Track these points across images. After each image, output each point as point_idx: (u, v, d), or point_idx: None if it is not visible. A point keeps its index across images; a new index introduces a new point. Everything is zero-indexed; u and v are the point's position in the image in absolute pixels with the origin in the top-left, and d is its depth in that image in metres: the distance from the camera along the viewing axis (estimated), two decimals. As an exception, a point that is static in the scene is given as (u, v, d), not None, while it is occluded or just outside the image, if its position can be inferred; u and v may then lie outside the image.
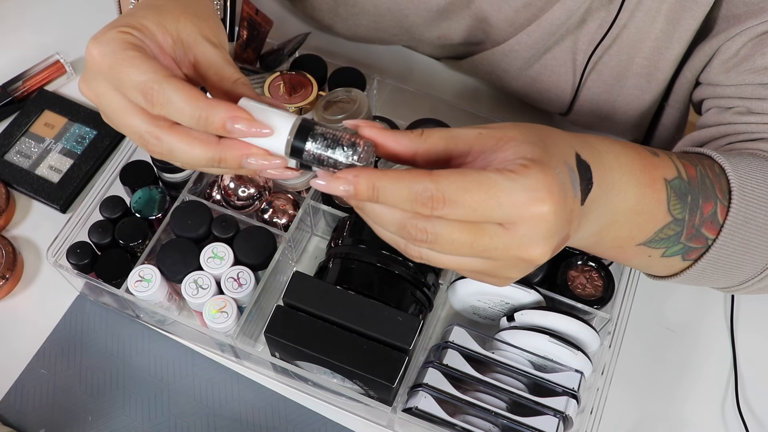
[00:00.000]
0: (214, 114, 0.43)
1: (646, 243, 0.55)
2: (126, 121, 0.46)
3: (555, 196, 0.41)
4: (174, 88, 0.43)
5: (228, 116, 0.43)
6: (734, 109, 0.63)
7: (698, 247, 0.56)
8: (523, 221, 0.41)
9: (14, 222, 0.78)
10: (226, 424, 0.68)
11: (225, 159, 0.45)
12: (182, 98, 0.43)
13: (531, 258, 0.43)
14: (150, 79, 0.44)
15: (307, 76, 0.74)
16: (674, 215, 0.54)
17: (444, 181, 0.41)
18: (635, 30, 0.68)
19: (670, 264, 0.58)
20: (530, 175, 0.41)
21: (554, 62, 0.76)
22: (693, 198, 0.54)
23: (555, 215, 0.41)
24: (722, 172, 0.56)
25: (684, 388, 0.72)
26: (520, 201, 0.41)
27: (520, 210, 0.41)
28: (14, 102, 0.83)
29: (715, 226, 0.55)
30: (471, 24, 0.77)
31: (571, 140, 0.47)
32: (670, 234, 0.54)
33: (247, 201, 0.71)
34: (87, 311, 0.73)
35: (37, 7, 0.92)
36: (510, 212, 0.41)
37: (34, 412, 0.68)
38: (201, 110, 0.43)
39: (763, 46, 0.60)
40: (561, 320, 0.62)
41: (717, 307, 0.76)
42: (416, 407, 0.59)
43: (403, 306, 0.62)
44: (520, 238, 0.42)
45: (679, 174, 0.54)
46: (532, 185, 0.41)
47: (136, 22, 0.47)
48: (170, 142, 0.45)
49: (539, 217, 0.41)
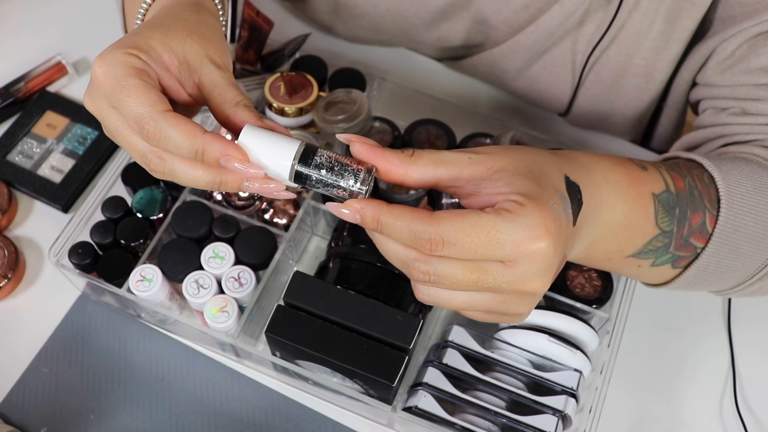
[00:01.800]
0: (210, 149, 0.44)
1: (635, 255, 0.56)
2: (128, 140, 0.47)
3: (551, 232, 0.43)
4: (170, 124, 0.44)
5: (222, 154, 0.44)
6: (729, 110, 0.63)
7: (687, 256, 0.57)
8: (524, 259, 0.43)
9: (16, 222, 0.78)
10: (226, 422, 0.68)
11: (225, 182, 0.46)
12: (179, 133, 0.44)
13: (534, 291, 0.44)
14: (146, 113, 0.44)
15: (307, 77, 0.74)
16: (662, 228, 0.54)
17: (444, 224, 0.42)
18: (633, 31, 0.69)
19: (660, 272, 0.58)
20: (527, 215, 0.42)
21: (553, 63, 0.76)
22: (681, 210, 0.55)
23: (553, 249, 0.43)
24: (711, 181, 0.56)
25: (682, 387, 0.72)
26: (520, 240, 0.42)
27: (521, 249, 0.42)
28: (16, 103, 0.83)
29: (704, 236, 0.56)
30: (470, 26, 0.77)
31: (559, 163, 0.48)
32: (658, 246, 0.55)
33: (248, 201, 0.71)
34: (89, 311, 0.73)
35: (39, 8, 0.92)
36: (510, 251, 0.42)
37: (36, 411, 0.68)
38: (198, 145, 0.44)
39: (758, 47, 0.61)
40: (560, 320, 0.62)
41: (715, 307, 0.76)
42: (416, 406, 0.59)
43: (403, 305, 0.62)
44: (522, 274, 0.43)
45: (667, 187, 0.54)
46: (530, 224, 0.42)
47: (143, 43, 0.47)
48: (173, 162, 0.46)
49: (538, 254, 0.43)
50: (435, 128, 0.76)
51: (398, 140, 0.75)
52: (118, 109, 0.46)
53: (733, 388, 0.71)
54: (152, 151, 0.46)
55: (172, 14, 0.51)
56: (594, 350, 0.64)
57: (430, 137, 0.75)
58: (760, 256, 0.58)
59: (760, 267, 0.58)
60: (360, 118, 0.71)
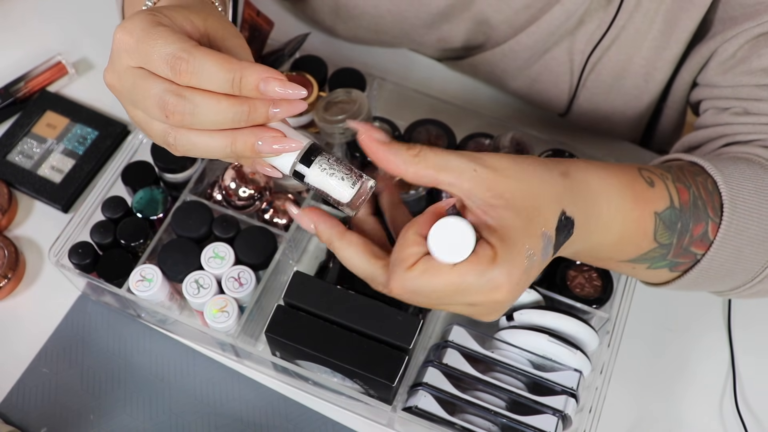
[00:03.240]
0: (248, 74, 0.43)
1: (628, 261, 0.56)
2: (145, 86, 0.44)
3: (513, 284, 0.45)
4: (205, 53, 0.43)
5: (262, 76, 0.43)
6: (731, 109, 0.63)
7: (686, 262, 0.57)
8: (482, 304, 0.47)
9: (16, 222, 0.78)
10: (226, 423, 0.68)
11: (255, 106, 0.44)
12: (214, 63, 0.43)
13: (489, 318, 0.49)
14: (179, 48, 0.43)
15: (307, 77, 0.74)
16: (660, 242, 0.55)
17: (407, 284, 0.47)
18: (634, 31, 0.69)
19: (657, 274, 0.58)
20: (495, 270, 0.45)
21: (553, 63, 0.76)
22: (683, 224, 0.55)
23: (510, 295, 0.46)
24: (715, 188, 0.56)
25: (682, 387, 0.72)
26: (483, 291, 0.45)
27: (482, 298, 0.46)
28: (16, 103, 0.83)
29: (705, 244, 0.56)
30: (471, 27, 0.77)
31: (561, 196, 0.48)
32: (654, 256, 0.56)
33: (248, 201, 0.71)
34: (89, 311, 0.73)
35: (39, 8, 0.92)
36: (473, 299, 0.46)
37: (36, 411, 0.68)
38: (235, 72, 0.43)
39: (759, 47, 0.61)
40: (560, 320, 0.62)
41: (715, 307, 0.76)
42: (416, 406, 0.59)
43: (403, 305, 0.62)
44: (478, 310, 0.48)
45: (671, 203, 0.54)
46: (495, 280, 0.45)
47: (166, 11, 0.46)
48: (193, 96, 0.44)
49: (495, 302, 0.46)
50: (435, 128, 0.76)
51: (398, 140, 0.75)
52: (145, 58, 0.44)
53: (733, 388, 0.71)
54: (170, 90, 0.43)
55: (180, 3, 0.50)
56: (594, 350, 0.64)
57: (430, 137, 0.75)
58: (761, 258, 0.58)
59: (761, 269, 0.58)
60: (360, 118, 0.71)
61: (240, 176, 0.71)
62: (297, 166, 0.45)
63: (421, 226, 0.46)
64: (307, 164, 0.45)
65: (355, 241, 0.49)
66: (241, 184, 0.70)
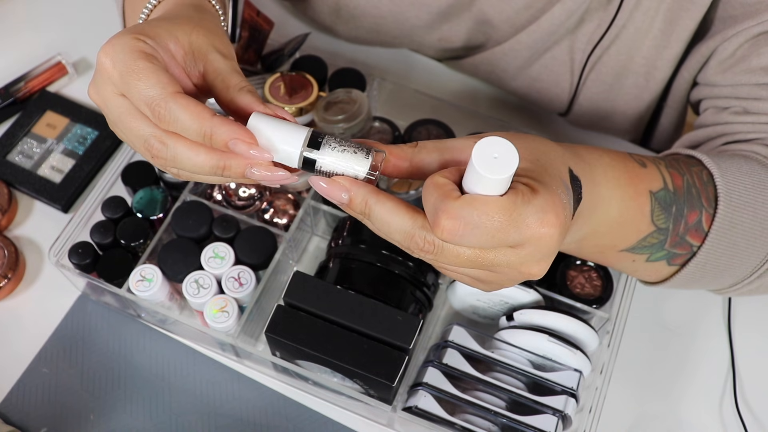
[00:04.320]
0: (218, 132, 0.44)
1: (628, 250, 0.56)
2: (131, 125, 0.46)
3: (561, 218, 0.42)
4: (180, 106, 0.44)
5: (231, 137, 0.44)
6: (731, 108, 0.64)
7: (683, 254, 0.57)
8: (531, 242, 0.42)
9: (16, 222, 0.78)
10: (227, 422, 0.68)
11: (229, 167, 0.45)
12: (188, 116, 0.44)
13: (532, 274, 0.44)
14: (157, 95, 0.44)
15: (307, 77, 0.74)
16: (657, 225, 0.55)
17: (461, 212, 0.41)
18: (634, 30, 0.69)
19: (656, 269, 0.58)
20: (540, 198, 0.41)
21: (553, 62, 0.76)
22: (678, 208, 0.55)
23: (558, 235, 0.42)
24: (710, 179, 0.57)
25: (682, 387, 0.72)
26: (531, 223, 0.41)
27: (531, 231, 0.41)
28: (16, 103, 0.83)
29: (699, 234, 0.56)
30: (471, 26, 0.77)
31: (564, 155, 0.48)
32: (653, 242, 0.56)
33: (248, 201, 0.71)
34: (89, 311, 0.73)
35: (39, 8, 0.92)
36: (522, 234, 0.41)
37: (36, 410, 0.68)
38: (206, 128, 0.44)
39: (759, 46, 0.61)
40: (560, 320, 0.62)
41: (715, 307, 0.76)
42: (416, 406, 0.59)
43: (403, 305, 0.62)
44: (524, 256, 0.42)
45: (665, 185, 0.55)
46: (543, 207, 0.41)
47: (150, 31, 0.47)
48: (175, 147, 0.45)
49: (545, 239, 0.42)
50: (435, 128, 0.76)
51: (398, 140, 0.75)
52: (127, 94, 0.45)
53: (733, 388, 0.71)
54: (155, 136, 0.45)
55: (175, 11, 0.51)
56: (594, 350, 0.64)
57: (430, 137, 0.75)
58: (758, 253, 0.58)
59: (758, 265, 0.58)
60: (360, 118, 0.71)
61: (240, 176, 0.71)
62: (307, 153, 0.45)
63: (445, 173, 0.44)
64: (317, 147, 0.44)
65: (391, 198, 0.45)
66: (241, 185, 0.70)
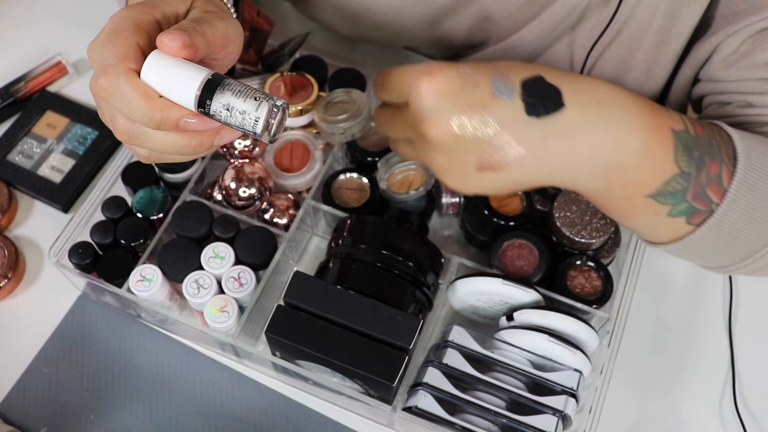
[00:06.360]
0: (167, 114, 0.46)
1: (654, 195, 0.55)
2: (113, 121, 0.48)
3: (437, 76, 0.49)
4: (129, 82, 0.45)
5: (178, 116, 0.46)
6: (734, 103, 0.64)
7: (703, 210, 0.56)
8: (413, 96, 0.50)
9: (16, 222, 0.78)
10: (227, 422, 0.68)
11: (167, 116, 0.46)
12: (134, 93, 0.46)
13: (428, 134, 0.51)
14: (111, 64, 0.46)
15: (307, 77, 0.74)
16: (681, 167, 0.54)
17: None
18: (635, 26, 0.69)
19: (674, 226, 0.58)
20: (422, 64, 0.50)
21: (554, 58, 0.76)
22: (700, 154, 0.55)
23: (437, 92, 0.49)
24: (729, 139, 0.57)
25: (682, 387, 0.72)
26: (408, 77, 0.51)
27: (409, 84, 0.50)
28: (16, 103, 0.83)
29: (720, 189, 0.56)
30: (473, 23, 0.77)
31: (543, 69, 0.52)
32: (677, 188, 0.55)
33: (248, 201, 0.71)
34: (89, 311, 0.73)
35: (39, 8, 0.92)
36: (404, 90, 0.51)
37: (36, 411, 0.68)
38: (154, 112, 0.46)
39: (763, 42, 0.61)
40: (560, 319, 0.62)
41: (715, 307, 0.76)
42: (416, 406, 0.59)
43: (403, 306, 0.62)
44: (414, 112, 0.51)
45: (686, 128, 0.55)
46: (419, 68, 0.50)
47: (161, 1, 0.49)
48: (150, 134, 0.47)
49: (422, 91, 0.50)
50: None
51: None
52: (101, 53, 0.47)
53: (733, 388, 0.71)
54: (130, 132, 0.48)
55: None
56: (594, 350, 0.64)
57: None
58: None
59: None
60: (360, 118, 0.71)
61: (240, 176, 0.71)
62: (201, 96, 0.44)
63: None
64: (210, 93, 0.44)
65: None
66: (241, 184, 0.70)
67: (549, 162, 0.52)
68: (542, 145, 0.51)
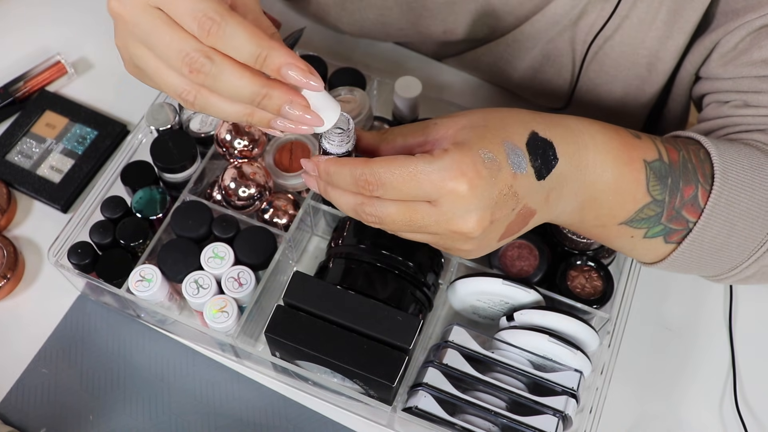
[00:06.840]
0: (274, 56, 0.43)
1: (627, 222, 0.56)
2: (171, 37, 0.43)
3: (467, 173, 0.47)
4: (238, 22, 0.42)
5: (286, 62, 0.43)
6: (731, 102, 0.64)
7: (680, 229, 0.57)
8: (443, 198, 0.47)
9: (15, 222, 0.78)
10: (226, 423, 0.68)
11: (270, 96, 0.44)
12: (245, 34, 0.42)
13: (463, 230, 0.49)
14: (212, 8, 0.42)
15: (307, 77, 0.74)
16: (653, 196, 0.55)
17: (375, 165, 0.47)
18: (637, 21, 0.69)
19: (654, 246, 0.58)
20: (446, 158, 0.47)
21: (556, 52, 0.76)
22: (673, 180, 0.55)
23: (470, 190, 0.47)
24: (707, 157, 0.57)
25: (683, 387, 0.72)
26: (436, 180, 0.47)
27: (438, 188, 0.47)
28: (16, 102, 0.83)
29: (696, 209, 0.56)
30: (476, 17, 0.77)
31: (529, 120, 0.51)
32: (650, 214, 0.56)
33: (248, 201, 0.71)
34: (88, 311, 0.73)
35: (39, 7, 0.92)
36: (430, 190, 0.47)
37: (35, 411, 0.68)
38: (262, 49, 0.42)
39: (760, 39, 0.61)
40: (560, 320, 0.62)
41: (716, 307, 0.76)
42: (416, 406, 0.59)
43: (403, 306, 0.62)
44: (445, 213, 0.48)
45: (660, 156, 0.56)
46: (446, 166, 0.46)
47: None
48: (222, 64, 0.43)
49: (454, 194, 0.47)
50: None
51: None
52: (167, 5, 0.42)
53: (733, 388, 0.71)
54: (200, 50, 0.42)
55: None
56: (594, 350, 0.64)
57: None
58: (756, 235, 0.58)
59: (756, 247, 0.58)
60: (360, 117, 0.71)
61: (240, 176, 0.70)
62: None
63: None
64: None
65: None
66: (241, 184, 0.70)
67: (548, 215, 0.54)
68: (545, 202, 0.52)
